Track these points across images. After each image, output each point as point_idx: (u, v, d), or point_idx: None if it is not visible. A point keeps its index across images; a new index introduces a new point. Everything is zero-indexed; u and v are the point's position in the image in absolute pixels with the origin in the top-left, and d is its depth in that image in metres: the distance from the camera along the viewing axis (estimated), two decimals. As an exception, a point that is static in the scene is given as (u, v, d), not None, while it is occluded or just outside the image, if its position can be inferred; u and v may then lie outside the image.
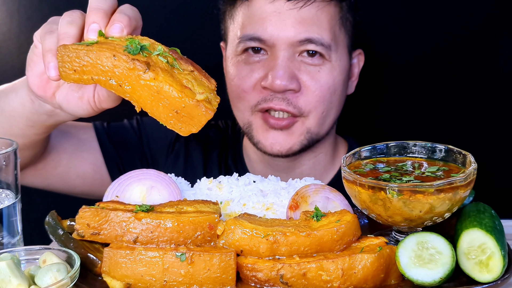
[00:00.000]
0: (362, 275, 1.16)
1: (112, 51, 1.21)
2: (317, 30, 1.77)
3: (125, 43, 1.24)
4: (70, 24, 1.30)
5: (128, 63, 1.20)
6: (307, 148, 1.88)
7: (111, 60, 1.21)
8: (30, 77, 1.40)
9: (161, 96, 1.20)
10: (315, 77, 1.79)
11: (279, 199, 1.38)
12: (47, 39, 1.30)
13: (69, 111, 1.43)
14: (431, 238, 1.17)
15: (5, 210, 1.28)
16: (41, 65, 1.34)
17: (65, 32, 1.28)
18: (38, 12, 2.38)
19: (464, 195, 1.22)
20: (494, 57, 2.32)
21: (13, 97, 1.53)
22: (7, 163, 1.29)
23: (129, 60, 1.20)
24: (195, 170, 2.05)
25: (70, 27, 1.29)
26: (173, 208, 1.27)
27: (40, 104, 1.46)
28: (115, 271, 1.17)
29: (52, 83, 1.40)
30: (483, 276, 1.17)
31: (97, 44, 1.23)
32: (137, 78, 1.21)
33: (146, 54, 1.23)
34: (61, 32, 1.29)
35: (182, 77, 1.24)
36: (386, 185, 1.19)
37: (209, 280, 1.16)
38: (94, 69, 1.22)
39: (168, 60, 1.25)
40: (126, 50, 1.22)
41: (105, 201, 1.33)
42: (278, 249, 1.19)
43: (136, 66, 1.20)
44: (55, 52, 1.27)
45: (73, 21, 1.31)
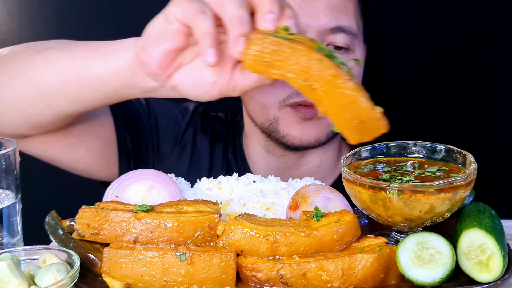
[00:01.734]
0: (362, 275, 1.16)
1: (316, 53, 1.15)
2: (346, 18, 1.73)
3: (313, 45, 1.18)
4: (242, 7, 1.19)
5: (333, 69, 1.15)
6: (329, 141, 1.84)
7: (313, 62, 1.15)
8: (152, 52, 1.29)
9: (353, 106, 1.16)
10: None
11: (279, 199, 1.38)
12: (201, 20, 1.20)
13: (186, 93, 1.35)
14: (431, 238, 1.17)
15: (5, 210, 1.29)
16: (173, 42, 1.26)
17: (240, 16, 1.18)
18: (39, 12, 2.38)
19: (464, 195, 1.22)
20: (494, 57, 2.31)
21: (101, 65, 1.42)
22: (7, 163, 1.29)
23: (334, 67, 1.15)
24: (200, 163, 1.99)
25: (242, 10, 1.19)
26: (173, 208, 1.27)
27: (144, 79, 1.37)
28: (115, 271, 1.17)
29: (175, 63, 1.31)
30: (483, 276, 1.17)
31: (294, 41, 1.16)
32: (334, 85, 1.16)
33: (335, 61, 1.18)
34: (233, 14, 1.18)
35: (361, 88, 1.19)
36: (386, 185, 1.19)
37: (209, 280, 1.16)
38: (288, 66, 1.16)
39: (348, 69, 1.20)
40: (321, 53, 1.16)
41: (105, 201, 1.33)
42: (278, 249, 1.19)
43: (340, 73, 1.15)
44: (214, 35, 1.19)
45: (243, 4, 1.20)
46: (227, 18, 1.21)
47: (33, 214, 1.64)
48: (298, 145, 1.80)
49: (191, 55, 1.33)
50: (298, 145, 1.80)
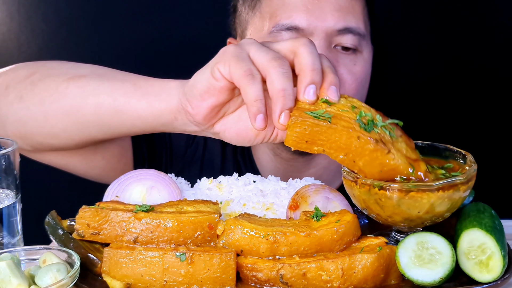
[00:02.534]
0: (362, 275, 1.16)
1: (354, 131, 1.18)
2: (353, 19, 1.72)
3: (354, 115, 1.21)
4: (287, 79, 1.21)
5: (371, 145, 1.18)
6: None
7: (352, 140, 1.18)
8: (198, 107, 1.30)
9: (393, 172, 1.21)
10: (352, 70, 1.74)
11: (279, 199, 1.38)
12: (250, 85, 1.21)
13: (229, 140, 1.38)
14: (431, 238, 1.17)
15: (5, 210, 1.28)
16: (219, 98, 1.28)
17: (284, 89, 1.20)
18: (38, 12, 2.38)
19: (464, 195, 1.22)
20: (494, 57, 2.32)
21: (143, 105, 1.42)
22: (7, 163, 1.29)
23: (372, 142, 1.18)
24: (212, 164, 1.99)
25: (287, 82, 1.21)
26: (173, 208, 1.27)
27: (186, 124, 1.38)
28: (115, 271, 1.17)
29: (219, 114, 1.34)
30: (483, 276, 1.17)
31: (333, 118, 1.19)
32: (374, 158, 1.19)
33: (376, 130, 1.21)
34: (278, 87, 1.20)
35: (401, 146, 1.24)
36: (386, 185, 1.19)
37: (209, 280, 1.16)
38: (328, 144, 1.20)
39: (389, 131, 1.23)
40: (361, 126, 1.19)
41: (105, 201, 1.33)
42: (278, 249, 1.19)
43: (378, 148, 1.19)
44: (263, 101, 1.21)
45: (288, 74, 1.22)
46: (272, 89, 1.22)
47: (33, 214, 1.64)
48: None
49: (235, 106, 1.35)
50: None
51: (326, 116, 1.19)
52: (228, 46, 1.29)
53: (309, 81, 1.21)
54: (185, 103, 1.33)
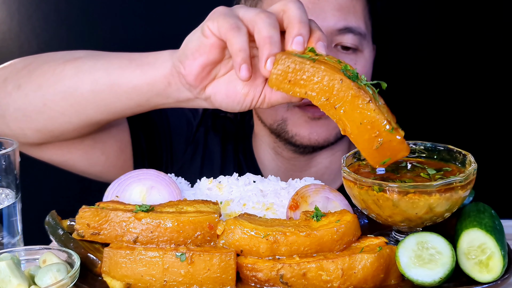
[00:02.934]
0: (362, 275, 1.16)
1: (338, 74, 1.19)
2: (354, 19, 1.73)
3: (339, 66, 1.22)
4: (273, 27, 1.25)
5: (354, 90, 1.19)
6: (338, 141, 1.85)
7: (335, 82, 1.19)
8: (190, 65, 1.34)
9: (372, 127, 1.20)
10: None
11: (279, 199, 1.38)
12: (236, 36, 1.25)
13: (219, 103, 1.40)
14: (431, 238, 1.17)
15: (5, 210, 1.29)
16: (209, 56, 1.31)
17: (271, 36, 1.24)
18: (39, 11, 2.38)
19: (464, 195, 1.22)
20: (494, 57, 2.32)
21: (137, 75, 1.45)
22: (7, 163, 1.29)
23: (355, 88, 1.19)
24: (212, 162, 1.99)
25: (273, 30, 1.24)
26: (173, 208, 1.27)
27: (179, 89, 1.41)
28: (115, 271, 1.17)
29: (210, 75, 1.37)
30: (483, 276, 1.17)
31: (317, 61, 1.21)
32: (354, 106, 1.20)
33: (359, 82, 1.21)
34: (264, 34, 1.24)
35: (382, 109, 1.23)
36: (386, 185, 1.19)
37: (209, 280, 1.16)
38: (311, 85, 1.21)
39: (372, 92, 1.23)
40: (345, 74, 1.20)
41: (105, 201, 1.33)
42: (278, 249, 1.19)
43: (361, 95, 1.19)
44: (247, 52, 1.24)
45: (275, 25, 1.25)
46: (258, 37, 1.25)
47: (33, 214, 1.65)
48: (307, 144, 1.81)
49: (226, 68, 1.37)
50: (307, 144, 1.81)
51: (310, 57, 1.21)
52: (220, 7, 1.33)
53: (297, 32, 1.25)
54: (178, 64, 1.36)
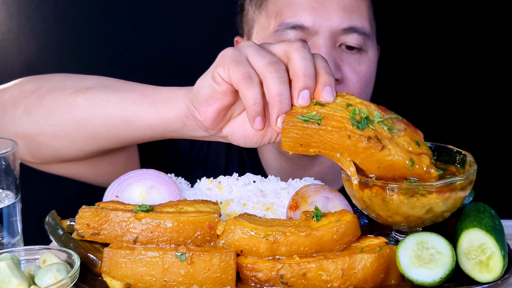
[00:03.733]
0: (362, 275, 1.16)
1: (345, 130, 1.20)
2: (359, 19, 1.73)
3: (347, 114, 1.22)
4: (283, 83, 1.24)
5: (363, 143, 1.20)
6: None
7: (344, 139, 1.20)
8: (205, 112, 1.34)
9: (392, 168, 1.21)
10: (356, 69, 1.75)
11: (279, 199, 1.38)
12: (249, 88, 1.25)
13: (237, 142, 1.41)
14: (431, 238, 1.17)
15: (5, 210, 1.28)
16: (223, 101, 1.31)
17: (280, 93, 1.23)
18: (38, 12, 2.38)
19: (464, 195, 1.22)
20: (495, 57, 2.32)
21: (152, 114, 1.44)
22: (7, 163, 1.29)
23: (364, 140, 1.19)
24: (217, 164, 1.99)
25: (283, 87, 1.24)
26: (173, 208, 1.27)
27: (195, 130, 1.42)
28: (115, 271, 1.17)
29: (226, 118, 1.37)
30: (483, 276, 1.17)
31: (324, 119, 1.21)
32: (370, 155, 1.21)
33: (371, 126, 1.22)
34: (274, 92, 1.24)
35: (403, 140, 1.24)
36: (386, 185, 1.19)
37: (209, 280, 1.16)
38: (322, 145, 1.22)
39: (387, 125, 1.24)
40: (353, 124, 1.21)
41: (105, 201, 1.33)
42: (278, 249, 1.19)
43: (371, 145, 1.20)
44: (261, 104, 1.25)
45: (283, 79, 1.25)
46: (268, 94, 1.25)
47: (33, 214, 1.64)
48: None
49: (240, 108, 1.38)
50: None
51: (316, 118, 1.21)
52: (227, 49, 1.31)
53: (301, 86, 1.24)
54: (193, 109, 1.36)
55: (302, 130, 1.22)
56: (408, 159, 1.21)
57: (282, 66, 1.26)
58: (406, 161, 1.21)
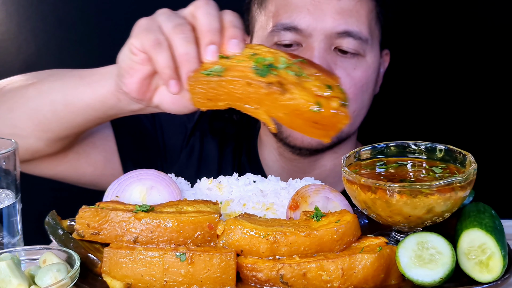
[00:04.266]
0: (362, 275, 1.16)
1: (245, 78, 1.21)
2: (356, 23, 1.71)
3: (250, 63, 1.23)
4: (188, 43, 1.27)
5: (264, 89, 1.20)
6: (334, 146, 1.84)
7: (246, 88, 1.21)
8: (129, 84, 1.37)
9: (298, 112, 1.21)
10: (351, 74, 1.73)
11: (279, 199, 1.38)
12: (159, 53, 1.28)
13: (169, 110, 1.43)
14: (431, 238, 1.17)
15: (5, 210, 1.28)
16: (143, 71, 1.34)
17: (187, 53, 1.27)
18: (38, 12, 2.38)
19: (464, 195, 1.22)
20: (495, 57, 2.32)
21: (88, 93, 1.50)
22: (7, 163, 1.29)
23: (264, 86, 1.20)
24: (209, 166, 1.99)
25: (189, 46, 1.27)
26: (173, 208, 1.27)
27: (129, 103, 1.45)
28: (115, 271, 1.17)
29: (151, 87, 1.39)
30: (483, 276, 1.17)
31: (226, 70, 1.23)
32: (273, 100, 1.21)
33: (274, 72, 1.22)
34: (180, 52, 1.27)
35: (312, 85, 1.23)
36: (386, 185, 1.19)
37: (209, 280, 1.16)
38: (229, 96, 1.23)
39: (295, 71, 1.24)
40: (256, 72, 1.22)
41: (105, 201, 1.33)
42: (278, 249, 1.19)
43: (272, 90, 1.20)
44: (171, 67, 1.27)
45: (189, 38, 1.28)
46: (176, 55, 1.28)
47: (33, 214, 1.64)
48: (301, 146, 1.80)
49: None
50: (301, 146, 1.80)
51: (218, 70, 1.23)
52: (141, 19, 1.35)
53: (207, 41, 1.27)
54: (119, 83, 1.40)
55: (206, 84, 1.23)
56: (313, 101, 1.20)
57: (188, 26, 1.29)
58: (309, 103, 1.19)
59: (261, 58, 1.24)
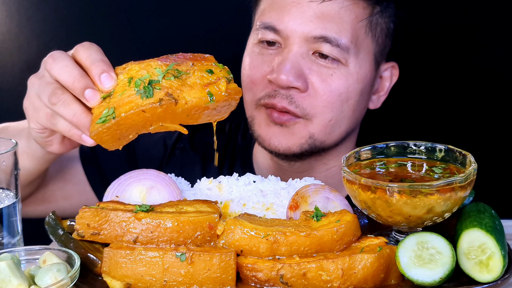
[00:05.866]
0: (362, 275, 1.16)
1: (136, 108, 1.22)
2: (335, 29, 1.66)
3: (132, 89, 1.25)
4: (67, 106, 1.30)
5: (159, 108, 1.22)
6: (310, 154, 1.77)
7: (142, 115, 1.23)
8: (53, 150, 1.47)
9: (198, 109, 1.25)
10: (326, 80, 1.68)
11: (279, 199, 1.38)
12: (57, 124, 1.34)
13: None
14: (431, 238, 1.17)
15: (5, 210, 1.29)
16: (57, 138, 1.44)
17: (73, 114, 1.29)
18: (38, 12, 2.37)
19: (464, 195, 1.22)
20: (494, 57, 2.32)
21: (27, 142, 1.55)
22: (7, 163, 1.29)
23: (157, 105, 1.22)
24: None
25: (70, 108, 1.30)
26: (173, 208, 1.27)
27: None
28: (115, 271, 1.17)
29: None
30: (483, 276, 1.17)
31: (116, 109, 1.24)
32: (172, 111, 1.24)
33: (157, 87, 1.24)
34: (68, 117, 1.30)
35: (195, 78, 1.26)
36: (386, 185, 1.19)
37: (209, 280, 1.16)
38: (133, 128, 1.26)
39: (173, 74, 1.26)
40: (142, 96, 1.23)
41: (105, 201, 1.33)
42: (278, 249, 1.19)
43: (166, 105, 1.22)
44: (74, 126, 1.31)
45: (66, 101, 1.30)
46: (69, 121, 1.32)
47: (33, 214, 1.64)
48: (269, 149, 1.76)
49: None
50: (269, 149, 1.76)
51: (110, 113, 1.24)
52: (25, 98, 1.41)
53: (79, 92, 1.28)
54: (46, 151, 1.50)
55: (107, 130, 1.24)
56: (205, 95, 1.25)
57: (58, 90, 1.31)
58: (203, 98, 1.24)
59: (138, 80, 1.25)
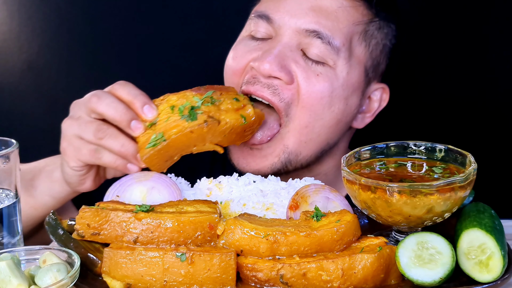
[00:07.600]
0: (362, 275, 1.17)
1: (184, 130, 1.36)
2: (330, 26, 1.59)
3: (176, 115, 1.38)
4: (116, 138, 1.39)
5: (205, 128, 1.38)
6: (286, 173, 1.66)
7: (190, 136, 1.37)
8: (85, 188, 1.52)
9: (233, 130, 1.43)
10: (311, 78, 1.59)
11: (279, 199, 1.38)
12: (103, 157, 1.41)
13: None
14: (431, 238, 1.17)
15: (5, 210, 1.29)
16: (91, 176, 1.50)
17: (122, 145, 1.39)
18: (39, 11, 2.38)
19: (464, 195, 1.22)
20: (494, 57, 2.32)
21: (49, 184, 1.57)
22: (7, 163, 1.29)
23: (203, 125, 1.37)
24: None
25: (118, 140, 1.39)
26: (173, 208, 1.27)
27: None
28: (115, 271, 1.17)
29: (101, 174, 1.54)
30: (483, 276, 1.17)
31: (164, 133, 1.37)
32: (213, 132, 1.40)
33: (199, 111, 1.39)
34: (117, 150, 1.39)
35: (226, 104, 1.45)
36: (386, 185, 1.19)
37: (209, 280, 1.16)
38: (179, 150, 1.40)
39: (209, 101, 1.41)
40: (187, 120, 1.37)
41: (105, 201, 1.33)
42: (278, 249, 1.19)
43: (210, 126, 1.38)
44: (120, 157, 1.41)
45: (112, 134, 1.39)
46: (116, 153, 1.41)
47: (33, 214, 1.64)
48: (235, 167, 1.68)
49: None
50: (235, 167, 1.68)
51: (159, 137, 1.36)
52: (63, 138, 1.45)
53: (125, 125, 1.39)
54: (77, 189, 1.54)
55: (158, 153, 1.37)
56: (239, 117, 1.44)
57: (102, 125, 1.40)
58: (239, 119, 1.44)
59: (181, 106, 1.40)
